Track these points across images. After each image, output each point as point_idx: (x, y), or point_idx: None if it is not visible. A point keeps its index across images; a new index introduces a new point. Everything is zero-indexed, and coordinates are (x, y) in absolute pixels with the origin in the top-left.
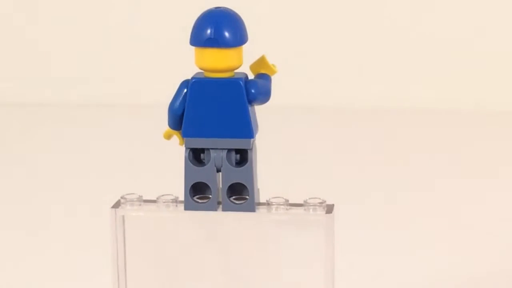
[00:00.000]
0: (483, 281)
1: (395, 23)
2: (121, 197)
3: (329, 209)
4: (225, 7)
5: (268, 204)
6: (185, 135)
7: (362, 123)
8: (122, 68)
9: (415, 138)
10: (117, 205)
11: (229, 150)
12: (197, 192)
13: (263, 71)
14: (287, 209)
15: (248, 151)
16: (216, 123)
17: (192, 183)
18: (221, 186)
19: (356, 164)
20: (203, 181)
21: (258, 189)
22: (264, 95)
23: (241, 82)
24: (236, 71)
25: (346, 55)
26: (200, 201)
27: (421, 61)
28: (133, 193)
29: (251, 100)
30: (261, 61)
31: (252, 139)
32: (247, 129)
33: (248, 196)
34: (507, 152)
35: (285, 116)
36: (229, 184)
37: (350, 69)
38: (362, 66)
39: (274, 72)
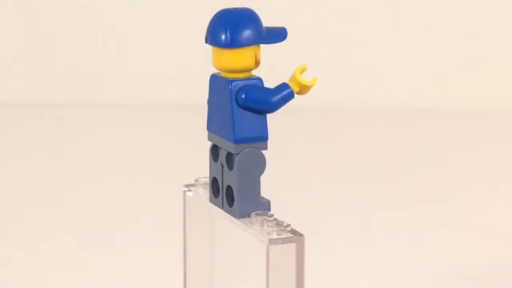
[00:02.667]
0: None
1: (395, 23)
2: (195, 180)
3: (282, 240)
4: (241, 8)
5: (249, 216)
6: (207, 128)
7: (362, 123)
8: (123, 68)
9: (415, 138)
10: (189, 186)
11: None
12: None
13: (289, 82)
14: (252, 224)
15: (235, 155)
16: (218, 121)
17: (211, 177)
18: None
19: (356, 164)
20: (215, 176)
21: (266, 200)
22: (257, 104)
23: (229, 84)
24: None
25: (346, 55)
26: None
27: (421, 61)
28: (206, 177)
29: (242, 105)
30: (293, 72)
31: (236, 145)
32: (232, 133)
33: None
34: (507, 152)
35: (286, 116)
36: (226, 185)
37: (350, 69)
38: (362, 66)
39: (299, 84)
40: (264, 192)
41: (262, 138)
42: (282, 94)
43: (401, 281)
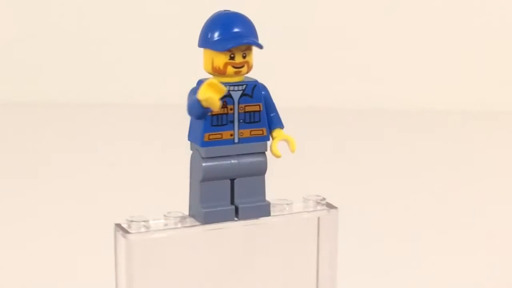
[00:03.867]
0: None
1: (396, 24)
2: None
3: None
4: (231, 12)
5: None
6: None
7: (362, 123)
8: (122, 68)
9: (415, 138)
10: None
11: None
12: None
13: None
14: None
15: None
16: None
17: None
18: None
19: (355, 165)
20: None
21: (204, 212)
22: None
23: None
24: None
25: (346, 55)
26: None
27: (421, 61)
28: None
29: None
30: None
31: (190, 142)
32: None
33: None
34: (507, 152)
35: (286, 116)
36: None
37: (350, 69)
38: (362, 66)
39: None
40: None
41: (199, 143)
42: (190, 102)
43: (401, 281)
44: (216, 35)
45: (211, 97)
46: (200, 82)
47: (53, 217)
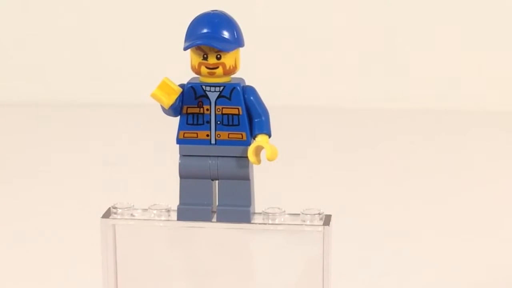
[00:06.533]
0: None
1: (396, 23)
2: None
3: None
4: (213, 11)
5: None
6: None
7: (362, 123)
8: (121, 68)
9: (415, 138)
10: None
11: None
12: None
13: None
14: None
15: None
16: None
17: None
18: None
19: (355, 165)
20: None
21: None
22: None
23: None
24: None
25: (346, 55)
26: None
27: (421, 61)
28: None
29: None
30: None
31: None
32: None
33: None
34: (507, 152)
35: (284, 116)
36: None
37: (350, 69)
38: (362, 66)
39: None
40: (265, 190)
41: (176, 141)
42: None
43: (401, 281)
44: (186, 35)
45: (156, 94)
46: (188, 84)
47: (52, 216)
